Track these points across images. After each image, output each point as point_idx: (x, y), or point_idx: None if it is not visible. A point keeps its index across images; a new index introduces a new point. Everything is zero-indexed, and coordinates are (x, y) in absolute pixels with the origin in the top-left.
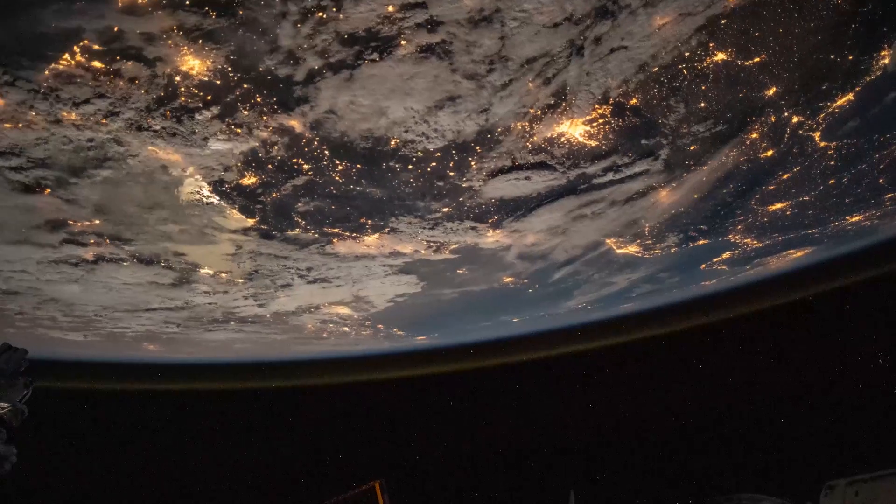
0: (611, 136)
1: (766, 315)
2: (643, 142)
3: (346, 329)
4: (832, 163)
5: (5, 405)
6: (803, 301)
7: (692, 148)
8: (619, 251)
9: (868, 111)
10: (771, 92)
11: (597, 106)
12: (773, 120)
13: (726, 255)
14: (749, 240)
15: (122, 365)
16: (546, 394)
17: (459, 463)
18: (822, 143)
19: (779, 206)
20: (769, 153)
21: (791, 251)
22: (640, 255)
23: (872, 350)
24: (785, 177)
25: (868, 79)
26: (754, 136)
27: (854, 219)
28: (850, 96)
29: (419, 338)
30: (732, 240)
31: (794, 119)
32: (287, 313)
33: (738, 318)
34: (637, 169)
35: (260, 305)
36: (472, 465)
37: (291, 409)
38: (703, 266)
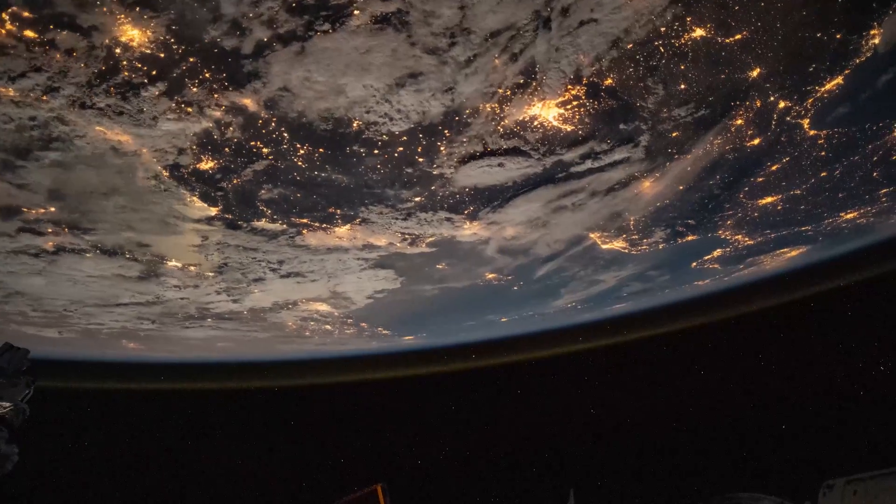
0: (587, 120)
1: (764, 316)
2: (621, 126)
3: (328, 327)
4: (823, 153)
5: (7, 404)
6: (801, 301)
7: (674, 134)
8: (604, 246)
9: (859, 96)
10: (755, 73)
11: (569, 86)
12: (758, 104)
13: (717, 252)
14: (740, 236)
15: (114, 364)
16: (545, 394)
17: (459, 464)
18: (812, 132)
19: (769, 200)
20: (756, 141)
21: (785, 249)
22: (626, 250)
23: (871, 351)
24: (774, 168)
25: (858, 60)
26: (739, 122)
27: (849, 216)
28: (840, 80)
29: (406, 338)
30: (723, 236)
31: (781, 104)
32: (264, 310)
33: (735, 319)
34: (616, 156)
35: (234, 301)
36: (473, 466)
37: (288, 411)
38: (695, 264)
